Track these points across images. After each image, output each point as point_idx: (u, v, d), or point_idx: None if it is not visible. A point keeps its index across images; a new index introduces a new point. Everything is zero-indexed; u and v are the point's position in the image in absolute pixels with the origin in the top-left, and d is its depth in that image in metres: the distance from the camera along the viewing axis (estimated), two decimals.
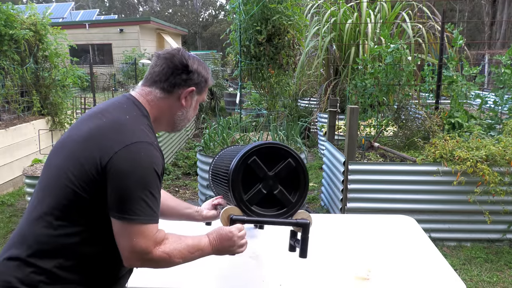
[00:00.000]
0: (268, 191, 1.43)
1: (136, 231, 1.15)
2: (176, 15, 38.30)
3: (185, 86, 1.33)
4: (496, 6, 20.15)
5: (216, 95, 11.66)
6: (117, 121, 1.21)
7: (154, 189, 1.18)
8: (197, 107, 1.43)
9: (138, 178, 1.15)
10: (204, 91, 1.41)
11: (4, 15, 5.57)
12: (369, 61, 4.59)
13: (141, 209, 1.15)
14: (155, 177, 1.18)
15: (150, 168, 1.17)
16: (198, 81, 1.36)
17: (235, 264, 1.69)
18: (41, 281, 1.15)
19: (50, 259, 1.16)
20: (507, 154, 3.47)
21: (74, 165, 1.17)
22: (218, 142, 4.26)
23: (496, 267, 3.31)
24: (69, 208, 1.17)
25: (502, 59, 4.26)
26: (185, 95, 1.34)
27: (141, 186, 1.15)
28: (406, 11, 6.79)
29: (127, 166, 1.14)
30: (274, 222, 1.45)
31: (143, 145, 1.18)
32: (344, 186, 3.71)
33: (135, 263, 1.21)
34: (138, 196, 1.14)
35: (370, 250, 1.90)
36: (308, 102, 8.37)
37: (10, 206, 4.82)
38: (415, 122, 4.49)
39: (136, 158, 1.15)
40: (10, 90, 5.69)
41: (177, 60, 1.32)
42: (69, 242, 1.17)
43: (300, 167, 1.42)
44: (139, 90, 1.35)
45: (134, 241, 1.15)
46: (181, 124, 1.41)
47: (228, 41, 5.70)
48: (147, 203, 1.16)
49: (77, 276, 1.20)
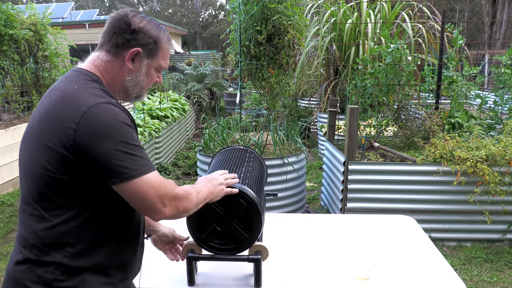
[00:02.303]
0: (224, 228, 1.50)
1: (147, 183, 1.12)
2: (176, 15, 38.30)
3: (129, 47, 1.23)
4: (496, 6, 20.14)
5: (216, 95, 11.66)
6: (66, 93, 1.15)
7: (135, 140, 1.13)
8: (151, 74, 1.30)
9: (112, 137, 1.09)
10: (157, 54, 1.28)
11: (4, 15, 5.57)
12: (369, 61, 4.59)
13: (135, 163, 1.10)
14: (128, 129, 1.12)
15: (117, 122, 1.11)
16: (144, 42, 1.24)
17: (235, 264, 1.69)
18: (55, 279, 1.13)
19: (57, 252, 1.14)
20: (507, 154, 3.47)
21: (42, 151, 1.12)
22: (218, 142, 4.26)
23: (496, 267, 3.31)
24: (54, 195, 1.13)
25: (502, 59, 4.26)
26: (130, 56, 1.23)
27: (120, 142, 1.09)
28: (406, 11, 6.79)
29: (94, 132, 1.08)
30: (226, 258, 1.55)
31: (101, 106, 1.11)
32: (344, 186, 3.71)
33: (165, 211, 1.15)
34: (123, 152, 1.09)
35: (370, 250, 1.90)
36: (308, 102, 8.37)
37: (10, 206, 4.82)
38: (415, 122, 4.49)
39: (99, 120, 1.09)
40: (10, 90, 5.69)
41: (120, 19, 1.23)
42: (68, 228, 1.14)
43: (251, 207, 1.47)
44: (88, 57, 1.27)
45: (153, 192, 1.11)
46: (134, 91, 1.29)
47: (228, 41, 5.70)
48: (136, 155, 1.11)
49: (88, 261, 1.16)
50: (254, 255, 1.54)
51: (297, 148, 4.29)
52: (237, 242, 1.52)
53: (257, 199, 1.48)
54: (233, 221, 1.49)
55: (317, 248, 1.92)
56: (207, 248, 1.53)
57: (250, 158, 1.90)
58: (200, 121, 9.52)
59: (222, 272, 1.70)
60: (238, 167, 1.71)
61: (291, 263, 1.79)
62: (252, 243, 1.52)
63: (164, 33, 1.29)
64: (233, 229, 1.49)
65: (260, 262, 1.54)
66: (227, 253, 1.53)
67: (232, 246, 1.52)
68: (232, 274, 1.68)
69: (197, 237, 1.52)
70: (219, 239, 1.52)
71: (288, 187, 3.99)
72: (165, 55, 1.31)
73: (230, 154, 1.90)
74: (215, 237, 1.52)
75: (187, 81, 11.09)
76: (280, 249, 1.89)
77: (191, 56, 16.10)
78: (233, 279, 1.65)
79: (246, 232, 1.49)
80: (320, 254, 1.86)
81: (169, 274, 1.69)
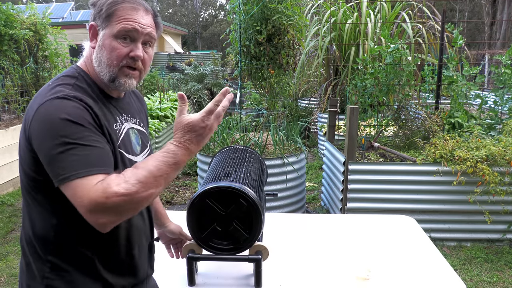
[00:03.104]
0: (224, 228, 1.50)
1: (79, 188, 0.95)
2: (176, 15, 38.30)
3: (91, 24, 1.14)
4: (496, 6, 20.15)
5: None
6: (39, 92, 1.09)
7: (75, 138, 0.99)
8: (111, 44, 1.11)
9: (50, 135, 0.99)
10: (111, 20, 1.10)
11: (4, 15, 5.57)
12: (369, 61, 4.59)
13: (70, 164, 0.96)
14: (69, 125, 0.99)
15: (58, 119, 0.99)
16: (97, 13, 1.12)
17: (235, 264, 1.69)
18: (44, 276, 1.12)
19: (44, 247, 1.12)
20: (507, 154, 3.47)
21: (20, 150, 1.10)
22: (218, 142, 4.26)
23: (496, 267, 3.31)
24: (33, 192, 1.10)
25: (502, 59, 4.26)
26: (90, 35, 1.14)
27: (56, 141, 0.98)
28: (406, 11, 6.79)
29: (39, 130, 1.01)
30: (227, 259, 1.55)
31: (51, 102, 1.02)
32: (344, 186, 3.71)
33: (97, 220, 0.95)
34: (59, 151, 0.97)
35: (370, 250, 1.90)
36: (308, 102, 8.37)
37: (10, 206, 4.82)
38: (415, 122, 4.49)
39: (44, 118, 1.00)
40: (10, 90, 5.69)
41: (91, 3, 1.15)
42: (49, 225, 1.11)
43: (251, 207, 1.47)
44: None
45: (84, 198, 0.93)
46: (102, 72, 1.13)
47: (228, 41, 5.70)
48: (72, 155, 0.97)
49: (74, 261, 1.12)
50: (254, 255, 1.55)
51: (297, 148, 4.29)
52: (237, 242, 1.52)
53: (257, 199, 1.48)
54: (234, 221, 1.49)
55: (317, 248, 1.92)
56: (207, 248, 1.53)
57: (250, 158, 1.90)
58: None
59: (222, 272, 1.70)
60: (238, 167, 1.71)
61: (291, 263, 1.79)
62: (252, 243, 1.52)
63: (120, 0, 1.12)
64: (234, 229, 1.49)
65: (261, 262, 1.54)
66: (228, 253, 1.53)
67: (233, 246, 1.52)
68: (232, 274, 1.68)
69: (197, 237, 1.52)
70: (220, 239, 1.52)
71: (288, 187, 3.99)
72: (121, 17, 1.11)
73: (230, 154, 1.90)
74: (216, 237, 1.52)
75: (187, 81, 11.09)
76: (280, 249, 1.89)
77: (191, 56, 16.10)
78: (233, 279, 1.66)
79: (246, 232, 1.50)
80: (320, 254, 1.86)
81: (169, 274, 1.69)
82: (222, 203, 1.47)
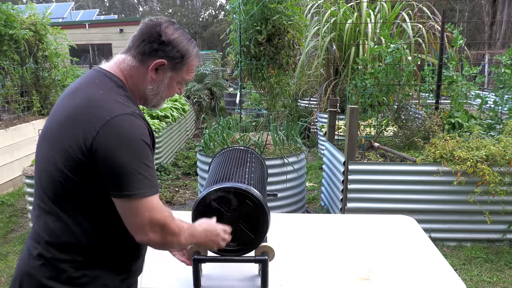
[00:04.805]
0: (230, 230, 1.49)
1: (144, 206, 1.11)
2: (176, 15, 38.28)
3: (155, 57, 1.22)
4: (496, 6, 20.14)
5: (216, 95, 11.66)
6: (91, 98, 1.15)
7: (147, 159, 1.13)
8: (173, 86, 1.30)
9: (127, 152, 1.10)
10: (181, 69, 1.28)
11: (4, 15, 5.57)
12: (369, 61, 4.59)
13: (140, 182, 1.10)
14: (144, 147, 1.13)
15: (137, 139, 1.12)
16: (171, 55, 1.23)
17: (239, 266, 1.69)
18: (69, 276, 1.16)
19: (71, 250, 1.17)
20: (507, 154, 3.47)
21: (60, 153, 1.13)
22: (218, 142, 4.26)
23: (496, 267, 3.31)
24: (69, 196, 1.15)
25: (502, 59, 4.25)
26: (154, 66, 1.23)
27: (133, 159, 1.10)
28: (406, 11, 6.78)
29: (113, 143, 1.09)
30: (233, 260, 1.55)
31: (124, 117, 1.12)
32: (344, 186, 3.71)
33: (151, 237, 1.14)
34: (133, 169, 1.10)
35: (370, 250, 1.90)
36: (308, 102, 8.37)
37: (10, 206, 4.81)
38: (415, 122, 4.49)
39: (120, 133, 1.10)
40: (10, 90, 5.69)
41: (153, 27, 1.22)
42: (82, 229, 1.17)
43: (257, 208, 1.46)
44: (114, 59, 1.27)
45: (146, 215, 1.11)
46: (153, 100, 1.30)
47: (228, 41, 5.69)
48: (144, 175, 1.11)
49: (101, 260, 1.20)
50: (260, 256, 1.54)
51: (297, 148, 4.29)
52: (243, 243, 1.51)
53: (263, 200, 1.48)
54: (239, 222, 1.48)
55: (317, 248, 1.92)
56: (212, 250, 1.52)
57: (252, 159, 1.90)
58: (200, 121, 9.51)
59: (227, 273, 1.70)
60: (241, 168, 1.70)
61: (291, 263, 1.79)
62: (258, 244, 1.52)
63: (194, 48, 1.28)
64: (239, 230, 1.48)
65: (267, 263, 1.53)
66: (234, 254, 1.53)
67: (238, 248, 1.52)
68: (237, 276, 1.68)
69: None
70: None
71: (288, 187, 3.99)
72: (190, 69, 1.31)
73: (231, 155, 1.89)
74: None
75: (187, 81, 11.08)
76: (280, 249, 1.88)
77: None
78: (238, 281, 1.65)
79: (252, 233, 1.49)
80: (320, 254, 1.86)
81: (174, 276, 1.68)
82: (227, 204, 1.46)
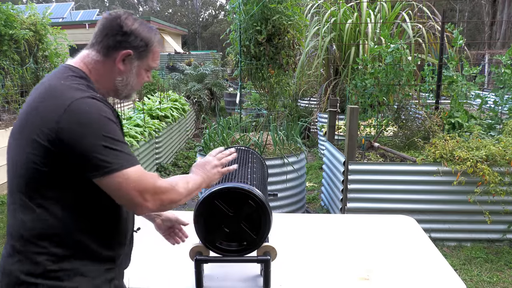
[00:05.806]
0: (232, 229, 1.49)
1: (125, 177, 1.12)
2: (176, 15, 38.28)
3: (120, 48, 1.25)
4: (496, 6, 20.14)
5: (216, 95, 11.66)
6: (52, 87, 1.17)
7: (115, 134, 1.14)
8: (141, 75, 1.33)
9: (93, 131, 1.10)
10: (147, 56, 1.31)
11: (4, 15, 5.57)
12: (369, 61, 4.59)
13: (114, 157, 1.11)
14: (109, 123, 1.14)
15: (99, 116, 1.13)
16: (135, 44, 1.26)
17: (241, 266, 1.69)
18: (46, 269, 1.15)
19: (45, 242, 1.15)
20: (507, 154, 3.47)
21: (28, 144, 1.14)
22: (218, 142, 4.26)
23: (496, 267, 3.31)
24: (39, 186, 1.15)
25: (502, 59, 4.25)
26: (121, 58, 1.25)
27: (100, 136, 1.11)
28: (406, 11, 6.78)
29: (77, 125, 1.10)
30: (235, 260, 1.55)
31: (83, 100, 1.13)
32: (344, 186, 3.71)
33: (147, 205, 1.16)
34: (103, 146, 1.10)
35: (370, 250, 1.90)
36: (308, 102, 8.37)
37: None
38: (415, 122, 4.49)
39: (82, 115, 1.11)
40: (10, 90, 5.69)
41: (113, 20, 1.25)
42: (54, 219, 1.15)
43: (260, 208, 1.46)
44: (79, 54, 1.29)
45: (131, 186, 1.12)
46: (124, 90, 1.32)
47: (228, 41, 5.69)
48: (116, 149, 1.12)
49: (77, 251, 1.18)
50: (262, 256, 1.53)
51: (297, 148, 4.29)
52: (245, 243, 1.51)
53: (266, 200, 1.48)
54: (241, 222, 1.48)
55: (317, 248, 1.92)
56: (215, 250, 1.52)
57: (253, 159, 1.90)
58: (200, 121, 9.51)
59: (228, 274, 1.70)
60: (242, 168, 1.70)
61: (291, 263, 1.79)
62: (260, 244, 1.51)
63: (156, 36, 1.31)
64: (241, 230, 1.48)
65: (269, 263, 1.53)
66: (236, 254, 1.52)
67: (241, 248, 1.51)
68: (238, 276, 1.68)
69: (205, 239, 1.51)
70: (227, 241, 1.51)
71: (288, 187, 3.99)
72: (155, 56, 1.33)
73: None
74: (223, 238, 1.51)
75: (187, 81, 11.08)
76: (280, 249, 1.88)
77: (191, 56, 16.09)
78: (240, 281, 1.65)
79: (254, 233, 1.49)
80: (320, 254, 1.86)
81: (176, 277, 1.68)
82: (230, 204, 1.46)
